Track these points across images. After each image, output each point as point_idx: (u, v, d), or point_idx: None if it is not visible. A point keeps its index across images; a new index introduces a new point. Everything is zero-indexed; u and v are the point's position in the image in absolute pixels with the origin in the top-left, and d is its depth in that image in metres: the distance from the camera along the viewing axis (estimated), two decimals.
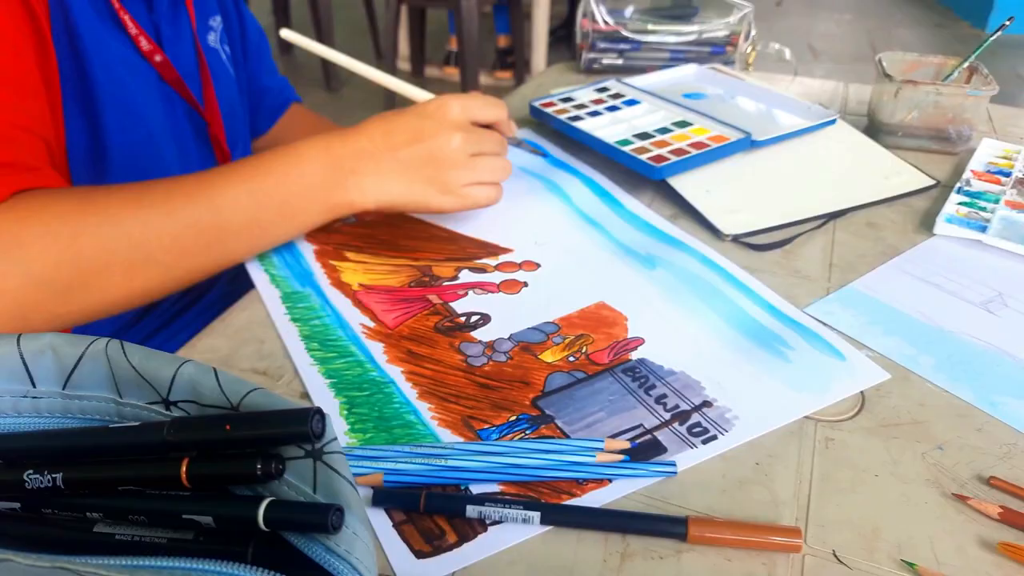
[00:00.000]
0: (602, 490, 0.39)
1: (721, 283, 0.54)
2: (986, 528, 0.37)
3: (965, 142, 0.73)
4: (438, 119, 0.57)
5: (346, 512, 0.24)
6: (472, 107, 0.59)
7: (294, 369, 0.46)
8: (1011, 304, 0.53)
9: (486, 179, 0.58)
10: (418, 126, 0.57)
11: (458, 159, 0.57)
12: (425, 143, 0.56)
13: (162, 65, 0.63)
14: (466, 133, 0.57)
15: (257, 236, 0.54)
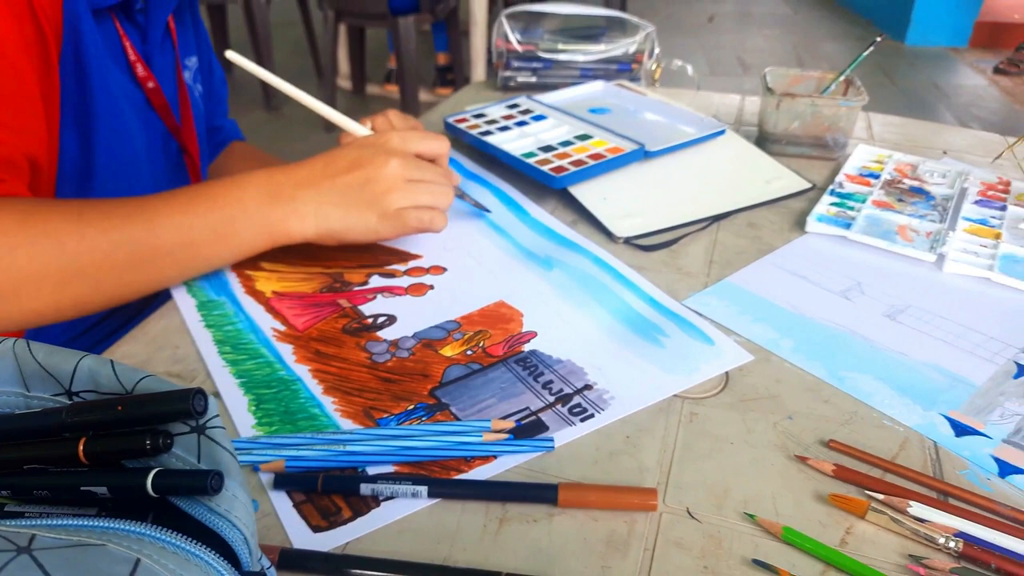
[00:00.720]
0: (487, 466, 0.43)
1: (610, 281, 0.59)
2: (822, 484, 0.42)
3: (842, 148, 0.80)
4: (377, 148, 0.59)
5: (226, 477, 0.28)
6: (412, 139, 0.61)
7: (206, 371, 0.50)
8: (867, 292, 0.59)
9: (425, 203, 0.59)
10: (357, 155, 0.59)
11: (395, 183, 0.58)
12: (363, 169, 0.58)
13: (153, 91, 0.68)
14: (404, 159, 0.59)
15: (190, 258, 0.56)
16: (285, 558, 0.37)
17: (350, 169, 0.58)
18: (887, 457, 0.44)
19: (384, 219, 0.58)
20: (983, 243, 0.64)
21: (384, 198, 0.58)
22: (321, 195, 0.57)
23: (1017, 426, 0.47)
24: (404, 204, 0.58)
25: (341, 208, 0.58)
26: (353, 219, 0.58)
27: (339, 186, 0.58)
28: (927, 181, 0.74)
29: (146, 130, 0.68)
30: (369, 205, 0.58)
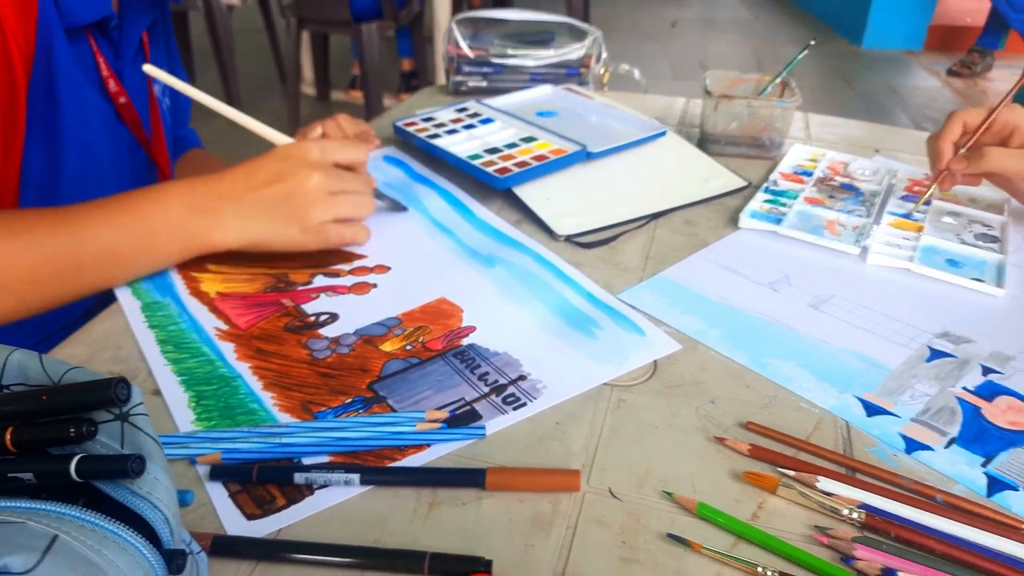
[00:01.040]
0: (420, 454, 0.44)
1: (550, 277, 0.61)
2: (739, 463, 0.45)
3: (778, 148, 0.83)
4: (298, 160, 0.60)
5: (148, 461, 0.29)
6: (331, 149, 0.62)
7: (148, 370, 0.51)
8: (794, 283, 0.62)
9: (346, 214, 0.61)
10: (278, 167, 0.59)
11: (317, 196, 0.59)
12: (285, 182, 0.59)
13: (124, 106, 0.69)
14: (325, 172, 0.60)
15: (115, 268, 0.57)
16: (218, 544, 0.38)
17: (271, 182, 0.59)
18: (802, 437, 0.47)
19: (306, 233, 0.60)
20: (906, 236, 0.68)
21: (306, 212, 0.59)
22: (243, 207, 0.58)
23: (926, 406, 0.49)
24: (326, 218, 0.60)
25: (263, 221, 0.59)
26: (275, 232, 0.59)
27: (261, 199, 0.59)
28: (857, 178, 0.78)
29: (114, 144, 0.70)
30: (291, 218, 0.59)
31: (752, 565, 0.38)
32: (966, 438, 0.47)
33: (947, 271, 0.63)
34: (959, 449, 0.46)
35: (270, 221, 0.59)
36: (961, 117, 0.67)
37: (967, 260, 0.65)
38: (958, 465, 0.45)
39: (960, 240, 0.67)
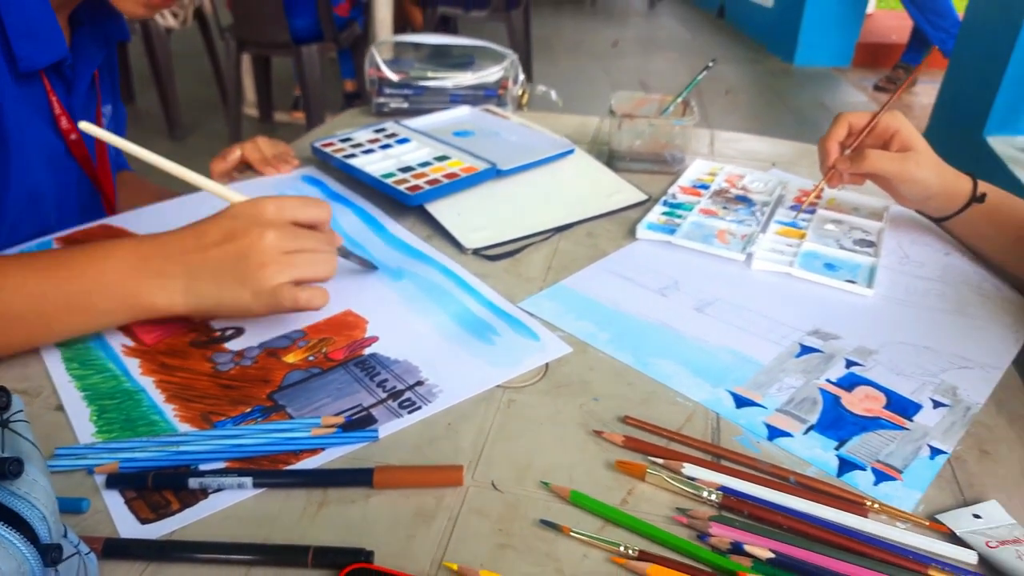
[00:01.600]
0: (314, 458, 0.47)
1: (454, 288, 0.65)
2: (615, 454, 0.48)
3: (679, 163, 0.88)
4: (251, 218, 0.55)
5: (26, 463, 0.31)
6: (289, 207, 0.56)
7: (53, 387, 0.52)
8: (682, 289, 0.66)
9: (303, 276, 0.56)
10: (230, 226, 0.55)
11: (270, 257, 0.54)
12: (236, 242, 0.54)
13: (75, 142, 0.70)
14: (280, 231, 0.55)
15: (38, 328, 0.53)
16: (109, 547, 0.40)
17: (222, 242, 0.54)
18: (674, 428, 0.50)
19: (258, 297, 0.54)
20: (789, 243, 0.73)
21: (259, 274, 0.54)
22: (191, 270, 0.54)
23: (790, 397, 0.54)
24: (280, 280, 0.54)
25: (213, 284, 0.54)
26: (226, 296, 0.54)
27: (211, 260, 0.54)
28: (751, 190, 0.83)
29: (63, 177, 0.71)
30: (243, 281, 0.54)
31: (615, 545, 0.41)
32: (823, 425, 0.51)
33: (824, 274, 0.68)
34: (816, 435, 0.50)
35: (220, 284, 0.54)
36: (847, 119, 0.72)
37: (843, 264, 0.70)
38: (814, 449, 0.49)
39: (839, 245, 0.73)
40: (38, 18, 0.63)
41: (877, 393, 0.54)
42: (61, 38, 0.66)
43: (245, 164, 0.85)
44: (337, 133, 0.89)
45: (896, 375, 0.56)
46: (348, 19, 2.78)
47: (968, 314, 0.65)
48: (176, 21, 2.78)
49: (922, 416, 0.52)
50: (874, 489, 0.46)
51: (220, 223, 0.55)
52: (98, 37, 0.74)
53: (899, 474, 0.47)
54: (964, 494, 0.47)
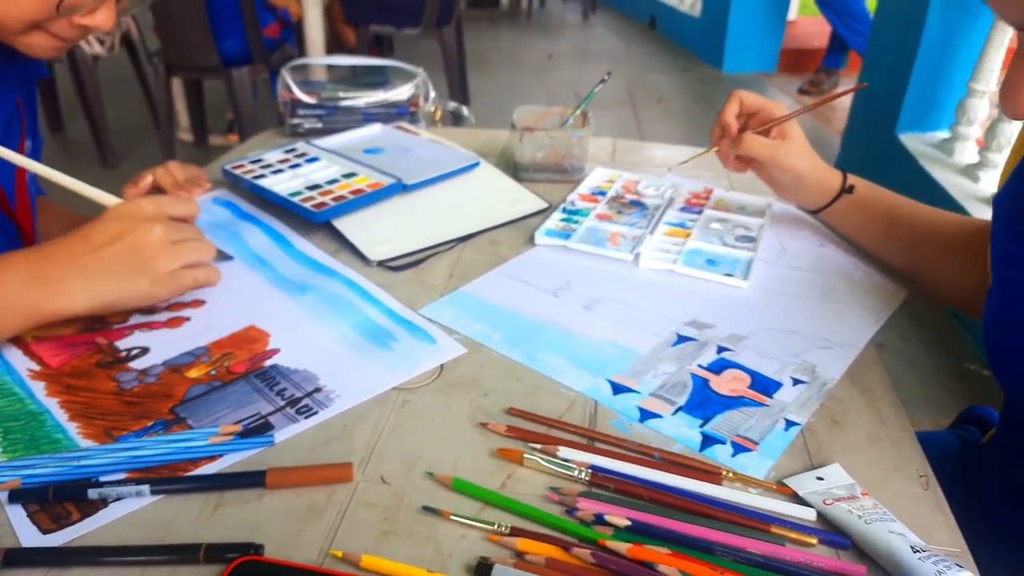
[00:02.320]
0: (212, 464, 0.50)
1: (357, 299, 0.68)
2: (499, 443, 0.52)
3: (579, 172, 0.93)
4: (135, 217, 0.61)
5: None
6: (165, 203, 0.63)
7: None
8: (574, 289, 0.71)
9: (193, 260, 0.63)
10: (116, 227, 0.60)
11: (162, 247, 0.60)
12: (126, 239, 0.59)
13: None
14: (164, 224, 0.61)
15: None
16: (10, 557, 0.42)
17: (112, 241, 0.59)
18: (555, 416, 0.55)
19: (158, 283, 0.61)
20: (675, 242, 0.78)
21: (154, 263, 0.60)
22: (87, 270, 0.58)
23: (663, 382, 0.58)
24: (175, 265, 0.61)
25: (112, 279, 0.59)
26: (126, 288, 0.60)
27: (106, 258, 0.59)
28: (644, 195, 0.88)
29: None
30: (141, 272, 0.60)
31: (491, 524, 0.45)
32: (691, 405, 0.56)
33: (705, 269, 0.73)
34: (683, 415, 0.55)
35: (118, 279, 0.59)
36: (738, 96, 0.79)
37: (723, 259, 0.75)
38: (680, 428, 0.54)
39: (722, 242, 0.78)
40: None
41: (743, 375, 0.59)
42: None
43: (158, 189, 0.87)
44: (248, 155, 0.91)
45: (762, 358, 0.62)
46: (278, 40, 2.79)
47: (834, 299, 0.71)
48: (103, 48, 2.75)
49: (782, 393, 0.58)
50: (731, 460, 0.51)
51: (105, 226, 0.60)
52: (14, 78, 0.75)
53: (755, 445, 0.52)
54: (812, 460, 0.52)
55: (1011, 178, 0.62)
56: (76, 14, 0.65)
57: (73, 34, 0.68)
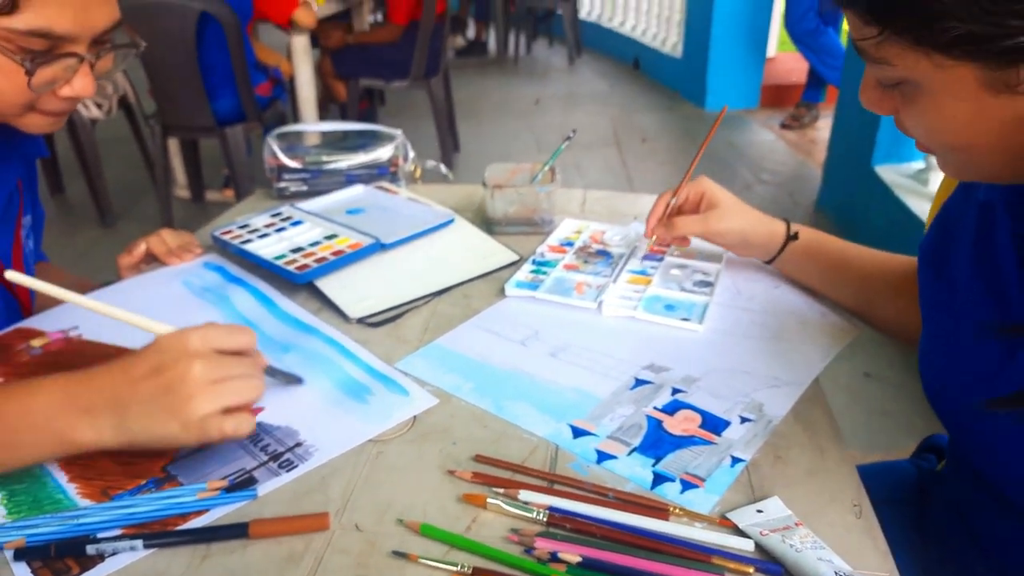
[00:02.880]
0: (201, 518, 0.54)
1: (336, 356, 0.73)
2: (465, 488, 0.56)
3: (549, 224, 0.99)
4: (177, 350, 0.57)
5: None
6: (213, 337, 0.58)
7: None
8: (540, 338, 0.76)
9: (231, 403, 0.57)
10: (158, 360, 0.56)
11: (198, 387, 0.55)
12: (164, 375, 0.56)
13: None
14: (206, 360, 0.56)
15: None
16: None
17: (150, 375, 0.56)
18: (519, 461, 0.59)
19: (187, 429, 0.55)
20: (636, 289, 0.83)
21: (187, 405, 0.55)
22: (120, 404, 0.56)
23: (620, 424, 0.63)
24: (208, 410, 0.56)
25: (143, 418, 0.56)
26: (155, 429, 0.56)
27: (140, 394, 0.55)
28: (609, 244, 0.93)
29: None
30: (172, 414, 0.55)
31: (454, 565, 0.49)
32: (645, 446, 0.60)
33: (663, 315, 0.78)
34: (637, 455, 0.59)
35: (150, 417, 0.55)
36: (664, 198, 0.85)
37: (681, 304, 0.80)
38: (634, 468, 0.58)
39: (681, 288, 0.83)
40: None
41: (694, 415, 0.64)
42: None
43: (152, 256, 0.92)
44: (237, 220, 0.97)
45: (713, 398, 0.66)
46: (271, 98, 2.88)
47: (785, 339, 0.75)
48: (101, 112, 2.84)
49: (730, 431, 0.62)
50: (680, 497, 0.55)
51: (147, 357, 0.57)
52: (15, 159, 0.81)
53: (702, 482, 0.57)
54: (755, 493, 0.56)
55: (933, 224, 0.67)
56: (53, 88, 0.69)
57: (62, 106, 0.73)
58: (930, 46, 0.47)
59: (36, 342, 0.76)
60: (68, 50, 0.68)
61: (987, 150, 0.51)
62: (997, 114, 0.48)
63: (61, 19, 0.65)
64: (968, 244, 0.61)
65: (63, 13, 0.65)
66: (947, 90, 0.49)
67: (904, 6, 0.47)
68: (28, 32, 0.64)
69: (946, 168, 0.57)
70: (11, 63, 0.65)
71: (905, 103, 0.53)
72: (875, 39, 0.49)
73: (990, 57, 0.45)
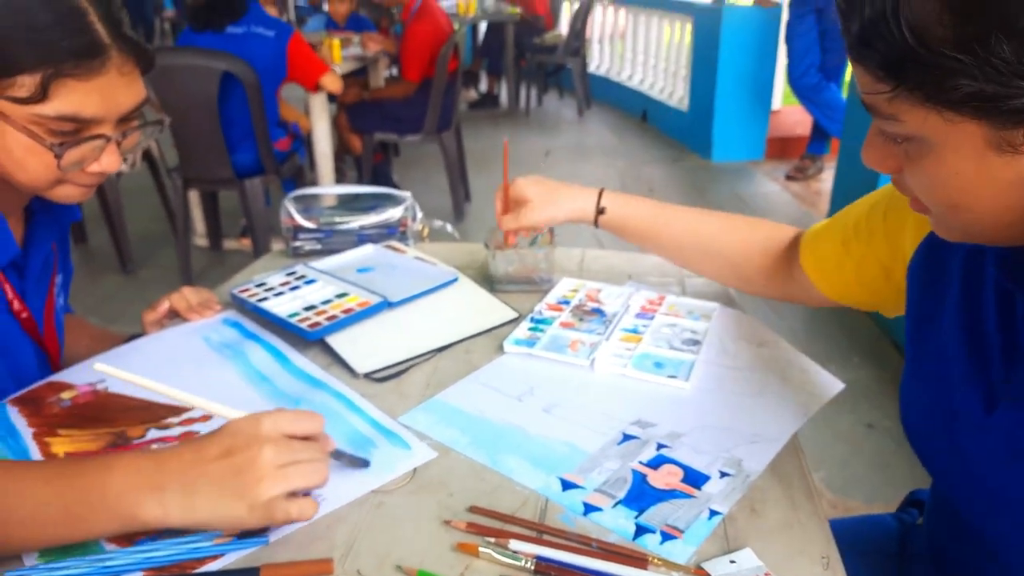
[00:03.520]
0: (216, 563, 0.58)
1: (343, 409, 0.78)
2: (459, 538, 0.61)
3: (548, 283, 1.04)
4: (248, 434, 0.60)
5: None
6: (284, 422, 0.61)
7: None
8: (536, 393, 0.80)
9: (298, 486, 0.59)
10: (229, 442, 0.59)
11: (266, 471, 0.58)
12: (234, 458, 0.58)
13: (26, 320, 0.83)
14: (276, 445, 0.59)
15: (39, 533, 0.58)
16: None
17: (221, 457, 0.59)
18: (510, 512, 0.63)
19: (253, 511, 0.58)
20: (628, 347, 0.88)
21: (255, 488, 0.57)
22: (190, 486, 0.58)
23: (607, 478, 0.67)
24: (275, 493, 0.58)
25: (211, 498, 0.58)
26: (222, 510, 0.58)
27: (210, 475, 0.58)
28: (604, 302, 0.99)
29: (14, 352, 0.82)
30: (239, 496, 0.58)
31: None
32: (629, 499, 0.64)
33: (652, 372, 0.83)
34: (622, 507, 0.63)
35: (218, 499, 0.58)
36: (497, 197, 1.00)
37: (669, 362, 0.85)
38: (618, 519, 0.62)
39: (670, 346, 0.88)
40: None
41: (677, 469, 0.68)
42: (12, 242, 0.79)
43: (174, 313, 0.98)
44: (254, 279, 1.03)
45: (696, 453, 0.70)
46: (289, 152, 3.00)
47: (767, 395, 0.80)
48: (125, 165, 2.95)
49: (709, 485, 0.66)
50: (659, 547, 0.59)
51: (219, 440, 0.60)
52: (50, 225, 0.88)
53: (681, 534, 0.61)
54: (729, 544, 0.60)
55: (921, 248, 0.68)
56: (82, 167, 0.76)
57: (92, 180, 0.80)
58: (940, 103, 0.48)
59: (66, 394, 0.81)
60: (95, 132, 0.74)
61: (987, 209, 0.52)
62: (999, 173, 0.50)
63: (88, 104, 0.72)
64: (956, 290, 0.63)
65: (90, 99, 0.72)
66: (953, 147, 0.50)
67: (918, 64, 0.48)
68: (57, 117, 0.71)
69: (941, 228, 0.58)
70: (41, 146, 0.72)
71: (910, 161, 0.54)
72: (887, 95, 0.51)
73: (997, 116, 0.47)
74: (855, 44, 0.52)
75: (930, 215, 0.58)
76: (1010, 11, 0.44)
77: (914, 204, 0.58)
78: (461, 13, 5.35)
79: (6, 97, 0.69)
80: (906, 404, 0.68)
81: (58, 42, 0.69)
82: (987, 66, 0.45)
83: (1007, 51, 0.44)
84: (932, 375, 0.65)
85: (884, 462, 1.95)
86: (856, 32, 0.51)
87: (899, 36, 0.48)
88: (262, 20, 2.74)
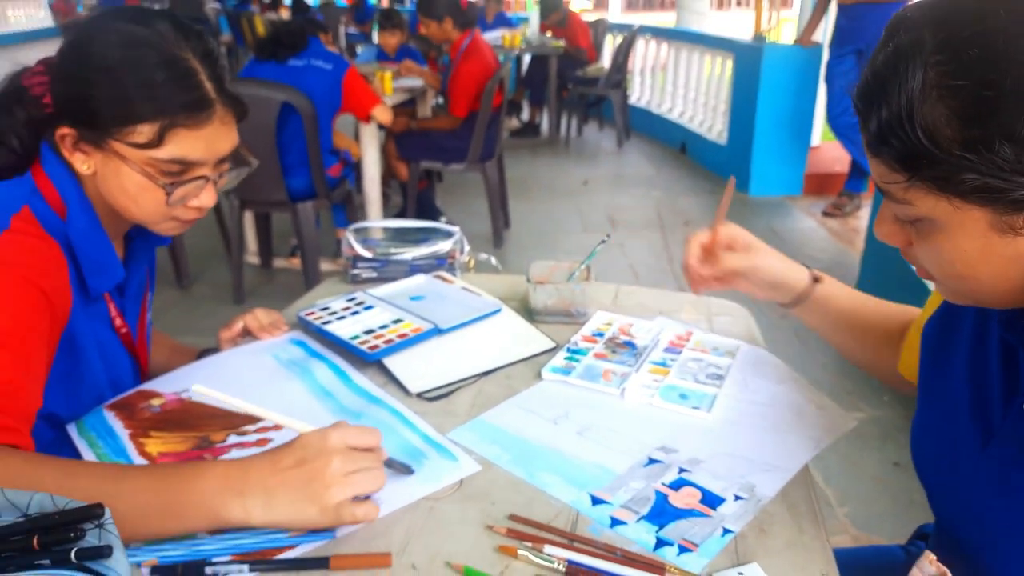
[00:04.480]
0: (292, 551, 0.68)
1: (398, 424, 0.87)
2: (500, 541, 0.69)
3: (583, 316, 1.13)
4: (319, 447, 0.70)
5: (115, 550, 0.53)
6: (349, 436, 0.71)
7: None
8: (570, 417, 0.89)
9: (362, 491, 0.69)
10: (301, 454, 0.69)
11: (335, 479, 0.68)
12: (307, 466, 0.68)
13: (125, 335, 0.95)
14: (343, 455, 0.69)
15: (139, 526, 0.66)
16: None
17: (295, 466, 0.69)
18: (545, 521, 0.72)
19: (324, 513, 0.67)
20: (656, 379, 0.96)
21: (325, 493, 0.67)
22: (269, 491, 0.68)
23: (632, 496, 0.75)
24: (343, 497, 0.68)
25: (287, 503, 0.67)
26: (296, 512, 0.68)
27: (286, 481, 0.68)
28: (635, 336, 1.07)
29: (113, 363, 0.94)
30: (312, 500, 0.67)
31: None
32: (651, 515, 0.73)
33: (677, 403, 0.91)
34: (644, 522, 0.72)
35: (292, 502, 0.67)
36: (696, 239, 0.95)
37: (693, 394, 0.93)
38: (640, 532, 0.70)
39: (695, 379, 0.96)
40: (104, 257, 0.88)
41: (696, 491, 0.76)
42: (119, 267, 0.91)
43: (247, 331, 1.09)
44: (317, 303, 1.14)
45: (714, 478, 0.78)
46: (340, 178, 3.14)
47: (782, 429, 0.87)
48: None
49: (724, 507, 0.74)
50: (676, 558, 0.67)
51: (293, 451, 0.70)
52: (147, 251, 1.00)
53: (696, 547, 0.69)
54: (739, 559, 0.68)
55: (938, 311, 0.78)
56: (184, 203, 0.88)
57: (193, 215, 0.92)
58: (950, 192, 0.56)
59: (155, 401, 0.93)
60: (198, 173, 0.86)
61: (988, 280, 0.60)
62: (1001, 251, 0.57)
63: (195, 150, 0.84)
64: (965, 342, 0.71)
65: (197, 145, 0.85)
66: (960, 229, 0.57)
67: (930, 160, 0.55)
68: (169, 160, 0.83)
69: (947, 294, 0.65)
70: (154, 185, 0.84)
71: (920, 238, 0.61)
72: (902, 184, 0.58)
73: (1000, 204, 0.54)
74: (873, 140, 0.59)
75: (936, 282, 0.66)
76: (1011, 120, 0.52)
77: (920, 272, 0.66)
78: (507, 45, 5.51)
79: (127, 143, 0.82)
80: (916, 440, 0.76)
81: (173, 98, 0.81)
82: (991, 164, 0.53)
83: (1008, 152, 0.52)
84: (939, 414, 0.73)
85: (909, 500, 1.97)
86: (874, 130, 0.58)
87: (913, 136, 0.55)
88: (321, 54, 2.91)
